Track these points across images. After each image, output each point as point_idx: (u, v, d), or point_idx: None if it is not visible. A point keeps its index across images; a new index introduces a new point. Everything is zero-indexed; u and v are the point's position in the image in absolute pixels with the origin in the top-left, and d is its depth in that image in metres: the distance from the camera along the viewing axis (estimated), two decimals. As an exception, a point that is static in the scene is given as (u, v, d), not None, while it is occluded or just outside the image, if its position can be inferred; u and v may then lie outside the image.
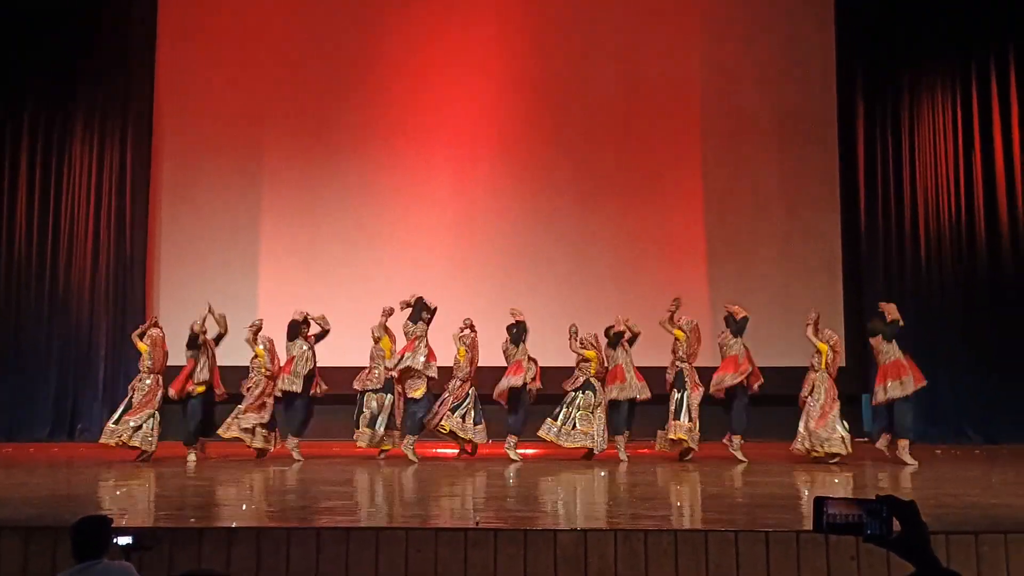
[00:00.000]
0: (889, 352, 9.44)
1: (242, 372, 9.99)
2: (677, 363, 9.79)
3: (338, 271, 12.30)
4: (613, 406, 9.82)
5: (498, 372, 9.95)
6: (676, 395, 9.65)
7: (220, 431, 9.61)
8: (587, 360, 9.83)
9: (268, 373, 9.73)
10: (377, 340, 9.83)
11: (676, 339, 9.83)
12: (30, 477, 7.85)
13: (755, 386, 9.81)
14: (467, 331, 9.93)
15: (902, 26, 12.47)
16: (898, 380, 9.28)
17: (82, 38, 12.62)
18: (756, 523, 5.24)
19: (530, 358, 9.88)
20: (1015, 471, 8.50)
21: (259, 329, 9.90)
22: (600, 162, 12.56)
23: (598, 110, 12.61)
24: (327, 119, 12.62)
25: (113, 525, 3.48)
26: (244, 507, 6.19)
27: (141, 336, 9.79)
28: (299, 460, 9.31)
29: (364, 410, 9.60)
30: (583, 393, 9.76)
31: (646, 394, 9.81)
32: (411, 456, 9.40)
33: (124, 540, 3.46)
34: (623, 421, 9.81)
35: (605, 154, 12.58)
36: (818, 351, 9.50)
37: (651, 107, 12.67)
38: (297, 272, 12.37)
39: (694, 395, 9.62)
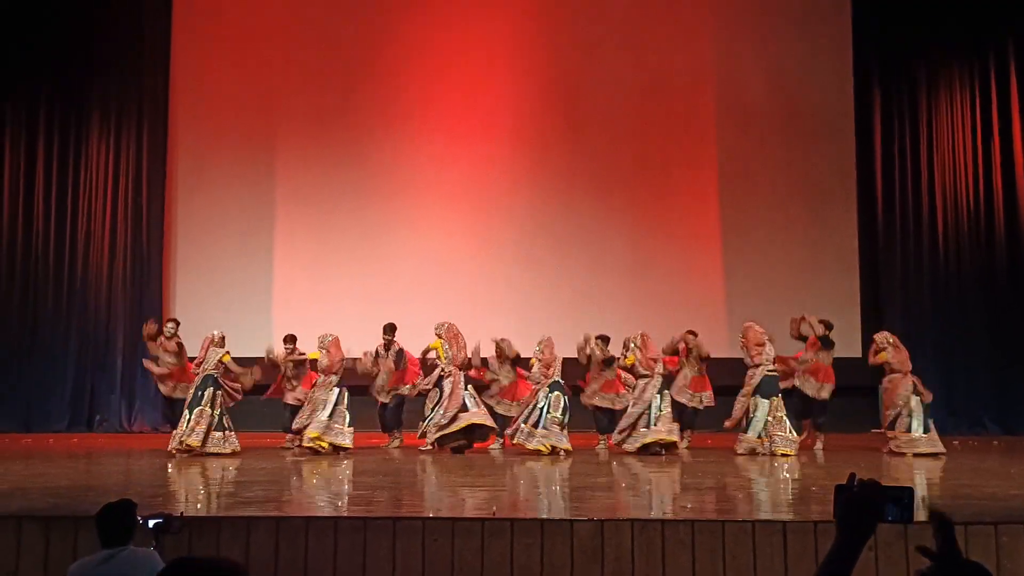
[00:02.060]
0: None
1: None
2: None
3: (353, 262, 12.32)
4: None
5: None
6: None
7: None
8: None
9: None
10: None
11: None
12: (50, 467, 7.91)
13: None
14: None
15: (919, 16, 12.33)
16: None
17: (96, 32, 12.67)
18: (773, 513, 5.23)
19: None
20: (1034, 463, 8.44)
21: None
22: (616, 155, 12.52)
23: (613, 103, 12.56)
24: (342, 110, 12.63)
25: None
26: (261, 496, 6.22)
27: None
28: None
29: None
30: None
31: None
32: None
33: (154, 521, 3.52)
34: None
35: (620, 147, 12.54)
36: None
37: (666, 99, 12.60)
38: (312, 263, 12.41)
39: None
